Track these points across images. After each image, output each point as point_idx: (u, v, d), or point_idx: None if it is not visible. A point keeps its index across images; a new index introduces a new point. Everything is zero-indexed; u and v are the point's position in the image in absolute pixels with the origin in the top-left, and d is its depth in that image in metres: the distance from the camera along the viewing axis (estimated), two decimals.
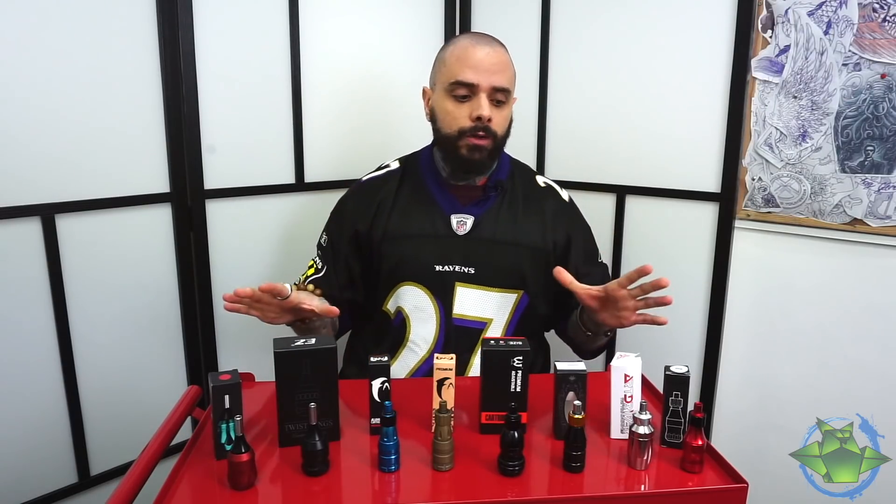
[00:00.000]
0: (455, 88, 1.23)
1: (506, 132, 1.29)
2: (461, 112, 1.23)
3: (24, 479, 1.31)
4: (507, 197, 1.33)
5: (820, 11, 1.43)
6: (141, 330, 1.46)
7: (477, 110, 1.21)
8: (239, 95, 1.52)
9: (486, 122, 1.22)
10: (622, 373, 0.93)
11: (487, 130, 1.23)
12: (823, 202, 1.49)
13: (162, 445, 0.93)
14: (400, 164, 1.39)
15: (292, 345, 0.91)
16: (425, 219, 1.30)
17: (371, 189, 1.35)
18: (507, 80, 1.25)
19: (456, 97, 1.24)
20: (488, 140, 1.24)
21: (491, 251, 1.28)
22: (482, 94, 1.22)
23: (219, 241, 1.54)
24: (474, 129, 1.23)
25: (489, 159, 1.27)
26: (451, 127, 1.25)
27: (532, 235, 1.31)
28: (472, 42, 1.25)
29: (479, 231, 1.29)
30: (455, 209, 1.30)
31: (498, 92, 1.23)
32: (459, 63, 1.23)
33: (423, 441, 0.92)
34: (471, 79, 1.21)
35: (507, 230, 1.30)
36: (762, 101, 1.52)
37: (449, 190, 1.32)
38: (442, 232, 1.29)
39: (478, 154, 1.24)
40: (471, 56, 1.23)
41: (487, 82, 1.22)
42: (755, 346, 1.63)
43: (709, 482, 0.85)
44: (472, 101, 1.23)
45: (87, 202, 1.33)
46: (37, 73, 1.23)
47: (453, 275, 1.27)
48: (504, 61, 1.25)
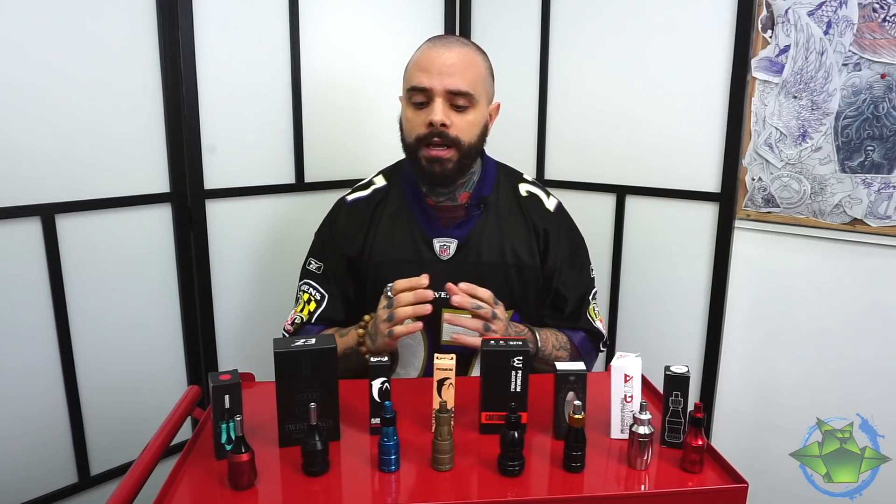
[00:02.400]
0: (412, 95, 1.17)
1: (477, 139, 1.20)
2: (418, 119, 1.17)
3: (24, 479, 1.31)
4: (491, 212, 1.26)
5: (820, 11, 1.43)
6: (141, 330, 1.46)
7: (429, 115, 1.15)
8: (239, 95, 1.52)
9: (438, 126, 1.14)
10: (622, 373, 0.93)
11: (444, 136, 1.15)
12: (823, 202, 1.49)
13: (162, 445, 0.92)
14: (385, 181, 1.32)
15: (292, 345, 0.91)
16: (408, 243, 1.24)
17: (358, 211, 1.29)
18: (465, 83, 1.15)
19: (414, 104, 1.18)
20: (449, 150, 1.17)
21: (477, 274, 1.19)
22: (438, 99, 1.14)
23: (219, 241, 1.54)
24: (429, 136, 1.16)
25: (455, 170, 1.19)
26: (411, 135, 1.19)
27: (519, 251, 1.25)
28: (429, 45, 1.19)
29: (463, 254, 1.23)
30: (437, 232, 1.24)
31: (456, 96, 1.15)
32: (416, 68, 1.18)
33: (423, 441, 0.91)
34: (424, 83, 1.15)
35: (493, 250, 1.24)
36: (762, 101, 1.53)
37: (431, 209, 1.25)
38: (425, 257, 1.23)
39: (438, 167, 1.17)
40: (425, 59, 1.17)
41: (441, 85, 1.14)
42: (755, 345, 1.64)
43: (709, 482, 0.85)
44: (428, 108, 1.16)
45: (87, 202, 1.33)
46: (37, 73, 1.23)
47: (439, 301, 1.16)
48: (463, 62, 1.16)
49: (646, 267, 1.77)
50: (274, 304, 1.64)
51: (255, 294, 1.64)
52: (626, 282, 1.80)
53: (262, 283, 1.65)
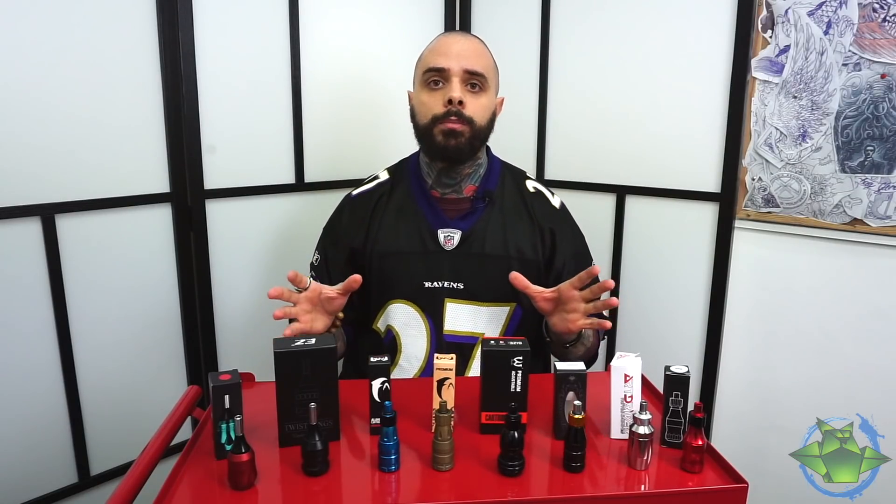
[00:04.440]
0: (428, 76, 1.22)
1: (487, 123, 1.25)
2: (435, 99, 1.21)
3: (24, 479, 1.31)
4: (495, 207, 1.29)
5: (820, 11, 1.43)
6: (141, 330, 1.46)
7: (448, 93, 1.19)
8: (239, 95, 1.52)
9: (456, 104, 1.19)
10: (622, 373, 0.93)
11: (460, 115, 1.20)
12: (823, 202, 1.48)
13: (162, 445, 0.92)
14: (389, 175, 1.36)
15: (292, 345, 0.91)
16: (413, 234, 1.27)
17: (362, 204, 1.32)
18: (481, 66, 1.22)
19: (430, 85, 1.22)
20: (464, 125, 1.20)
21: (480, 265, 1.24)
22: (454, 79, 1.20)
23: (219, 241, 1.54)
24: (447, 115, 1.20)
25: (468, 147, 1.22)
26: (426, 116, 1.22)
27: (522, 246, 1.27)
28: (446, 35, 1.27)
29: (467, 245, 1.26)
30: (442, 223, 1.27)
31: (472, 76, 1.21)
32: (433, 53, 1.23)
33: (423, 441, 0.91)
34: (441, 63, 1.20)
35: (497, 242, 1.26)
36: (762, 101, 1.53)
37: (436, 202, 1.28)
38: (430, 247, 1.26)
39: (453, 140, 1.20)
40: (443, 45, 1.23)
41: (458, 66, 1.20)
42: (755, 345, 1.64)
43: (709, 482, 0.85)
44: (445, 87, 1.21)
45: (87, 202, 1.33)
46: (37, 73, 1.23)
47: (442, 291, 1.24)
48: (478, 49, 1.24)
49: (646, 267, 1.77)
50: (274, 304, 1.63)
51: (255, 294, 1.64)
52: (626, 282, 1.80)
53: (263, 282, 1.65)
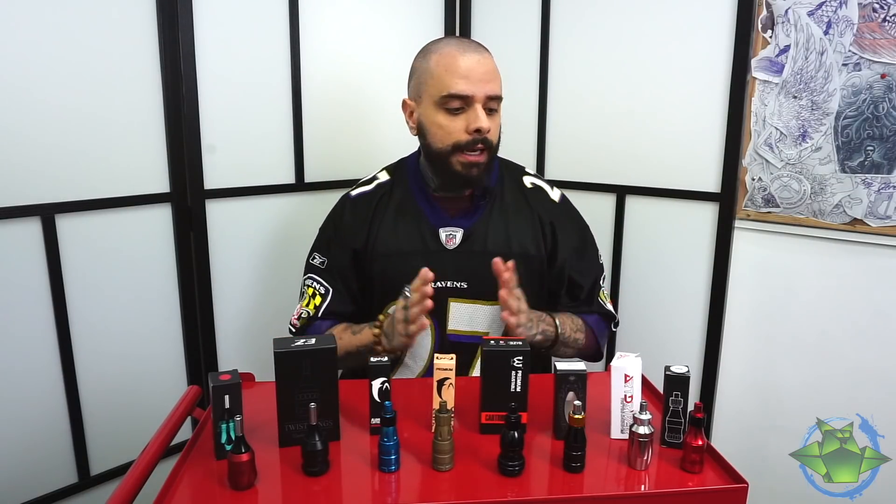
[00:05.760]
0: (448, 101, 1.17)
1: (499, 140, 1.25)
2: (455, 125, 1.18)
3: (24, 479, 1.31)
4: (496, 204, 1.28)
5: (820, 11, 1.43)
6: (141, 330, 1.46)
7: (475, 122, 1.16)
8: (239, 95, 1.52)
9: (485, 133, 1.17)
10: (622, 373, 0.93)
11: (486, 142, 1.19)
12: (823, 202, 1.49)
13: (162, 445, 0.92)
14: (389, 176, 1.34)
15: (292, 345, 0.91)
16: (414, 234, 1.26)
17: (363, 205, 1.31)
18: (499, 87, 1.21)
19: (449, 110, 1.18)
20: (485, 154, 1.20)
21: (483, 264, 1.19)
22: (477, 105, 1.17)
23: (219, 241, 1.54)
24: (472, 143, 1.18)
25: (486, 171, 1.23)
26: (445, 142, 1.19)
27: (524, 242, 1.27)
28: (458, 49, 1.19)
29: (469, 244, 1.25)
30: (443, 222, 1.26)
31: (492, 100, 1.19)
32: (449, 74, 1.17)
33: (423, 441, 0.91)
34: (465, 90, 1.16)
35: (498, 240, 1.26)
36: (762, 101, 1.53)
37: (436, 201, 1.27)
38: (431, 247, 1.25)
39: (475, 170, 1.20)
40: (461, 65, 1.17)
41: (482, 92, 1.17)
42: (755, 345, 1.64)
43: (709, 482, 0.85)
44: (468, 113, 1.17)
45: (87, 202, 1.33)
46: (37, 73, 1.23)
47: (445, 290, 1.23)
48: (494, 68, 1.21)
49: (646, 267, 1.77)
50: (274, 304, 1.64)
51: (255, 294, 1.64)
52: (626, 282, 1.80)
53: (263, 282, 1.65)
